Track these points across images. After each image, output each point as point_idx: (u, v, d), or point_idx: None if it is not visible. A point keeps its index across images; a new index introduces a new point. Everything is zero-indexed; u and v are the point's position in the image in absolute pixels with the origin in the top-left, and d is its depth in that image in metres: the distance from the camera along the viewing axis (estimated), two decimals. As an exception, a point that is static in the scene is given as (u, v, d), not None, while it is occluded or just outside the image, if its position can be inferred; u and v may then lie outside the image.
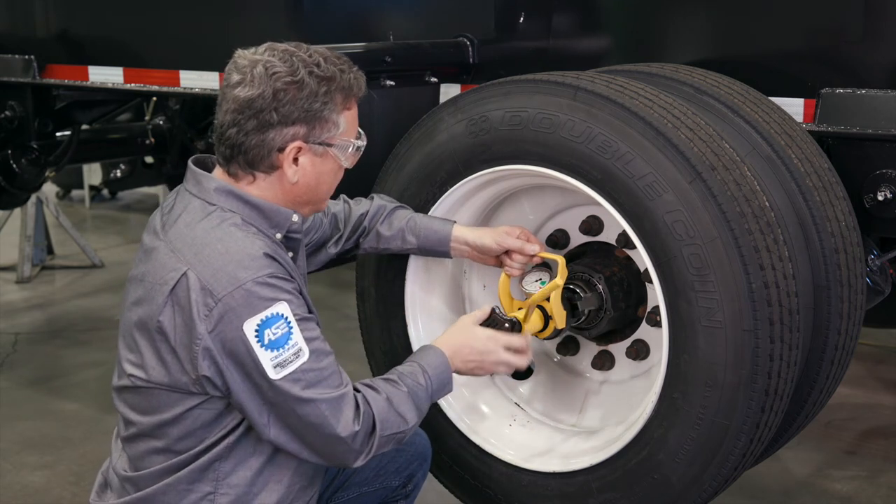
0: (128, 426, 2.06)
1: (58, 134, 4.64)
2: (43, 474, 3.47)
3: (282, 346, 1.88)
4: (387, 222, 2.49)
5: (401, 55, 2.96)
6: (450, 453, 2.59)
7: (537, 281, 2.41)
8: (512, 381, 2.67)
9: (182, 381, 1.93)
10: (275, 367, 1.88)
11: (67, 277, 6.14)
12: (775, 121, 2.41)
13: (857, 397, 4.06)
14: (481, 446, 2.55)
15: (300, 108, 1.94)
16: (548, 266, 2.48)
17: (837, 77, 2.47)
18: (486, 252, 2.46)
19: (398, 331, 2.66)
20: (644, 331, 2.56)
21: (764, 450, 2.37)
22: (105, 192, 8.47)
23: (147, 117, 5.35)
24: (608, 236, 2.56)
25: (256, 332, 1.87)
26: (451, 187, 2.50)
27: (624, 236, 2.47)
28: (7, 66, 4.31)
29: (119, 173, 6.58)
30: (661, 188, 2.12)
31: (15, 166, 4.57)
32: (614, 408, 2.59)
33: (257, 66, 1.94)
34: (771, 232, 2.11)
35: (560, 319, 2.38)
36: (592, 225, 2.55)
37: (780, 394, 2.14)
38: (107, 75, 3.97)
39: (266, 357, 1.87)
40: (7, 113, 4.45)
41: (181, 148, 5.24)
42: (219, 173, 2.03)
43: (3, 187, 4.64)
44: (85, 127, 4.82)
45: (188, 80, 3.70)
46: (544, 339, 2.47)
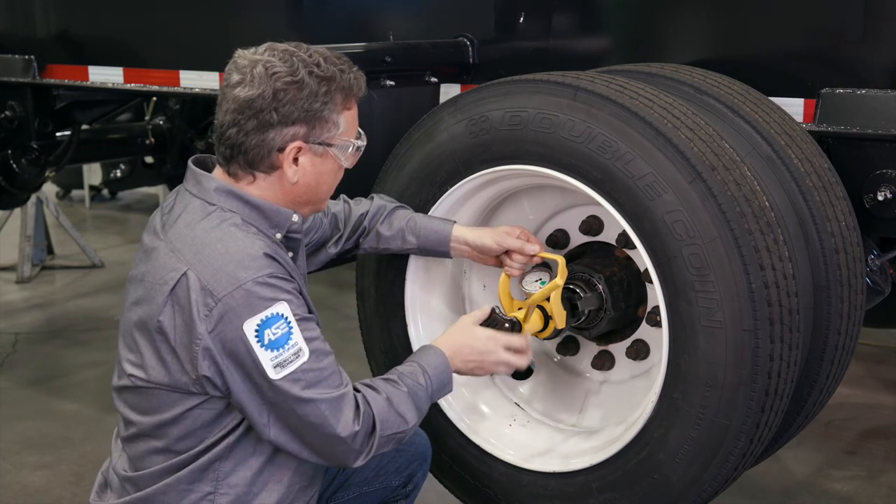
0: (128, 426, 2.06)
1: (58, 134, 4.63)
2: (43, 474, 3.47)
3: (282, 345, 1.88)
4: (387, 222, 2.49)
5: (401, 55, 2.96)
6: (450, 453, 2.59)
7: (537, 281, 2.41)
8: (512, 381, 2.67)
9: (182, 381, 1.93)
10: (275, 367, 1.88)
11: (67, 277, 6.13)
12: (775, 121, 2.41)
13: (857, 397, 4.06)
14: (481, 446, 2.55)
15: (300, 109, 1.94)
16: (548, 266, 2.48)
17: (837, 77, 2.47)
18: (486, 252, 2.46)
19: (398, 331, 2.66)
20: (644, 331, 2.56)
21: (764, 450, 2.37)
22: (105, 192, 8.47)
23: (147, 117, 5.35)
24: (608, 236, 2.56)
25: (256, 331, 1.87)
26: (451, 187, 2.50)
27: (624, 236, 2.47)
28: (7, 66, 4.31)
29: (119, 173, 6.57)
30: (661, 188, 2.12)
31: (15, 166, 4.56)
32: (614, 408, 2.59)
33: (257, 66, 1.94)
34: (771, 232, 2.11)
35: (560, 319, 2.38)
36: (592, 225, 2.55)
37: (780, 394, 2.14)
38: (107, 75, 3.97)
39: (266, 357, 1.87)
40: (7, 113, 4.44)
41: (181, 148, 5.24)
42: (219, 173, 2.03)
43: (3, 187, 4.64)
44: (85, 127, 4.82)
45: (188, 80, 3.70)
46: (544, 339, 2.47)
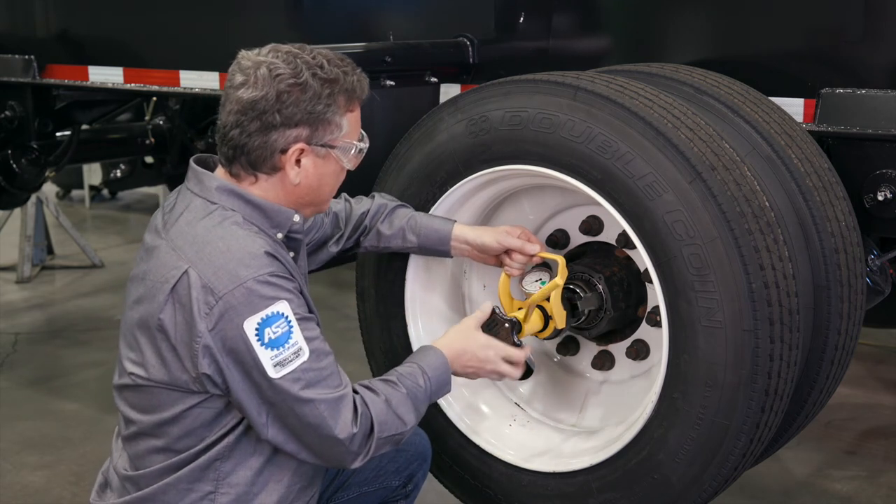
0: (128, 425, 2.06)
1: (58, 134, 4.63)
2: (43, 474, 3.47)
3: (282, 344, 1.88)
4: (387, 221, 2.50)
5: (401, 55, 2.96)
6: (450, 453, 2.59)
7: (537, 281, 2.41)
8: (512, 382, 2.67)
9: (182, 380, 1.93)
10: (274, 366, 1.88)
11: (67, 277, 6.13)
12: (775, 121, 2.41)
13: (857, 397, 4.06)
14: (481, 446, 2.55)
15: (303, 110, 1.94)
16: (548, 266, 2.48)
17: (837, 77, 2.48)
18: (486, 251, 2.46)
19: (398, 331, 2.66)
20: (644, 331, 2.56)
21: (764, 450, 2.37)
22: (105, 192, 8.47)
23: (147, 117, 5.34)
24: (608, 236, 2.56)
25: (257, 330, 1.87)
26: (451, 187, 2.50)
27: (624, 236, 2.47)
28: (7, 66, 4.31)
29: (119, 173, 6.57)
30: (661, 188, 2.12)
31: (15, 166, 4.56)
32: (614, 408, 2.59)
33: (261, 68, 1.94)
34: (771, 232, 2.11)
35: (560, 319, 2.38)
36: (592, 225, 2.55)
37: (780, 394, 2.14)
38: (107, 75, 3.97)
39: (266, 356, 1.87)
40: (7, 113, 4.44)
41: (181, 148, 5.23)
42: (221, 173, 2.03)
43: (3, 187, 4.64)
44: (85, 127, 4.82)
45: (188, 80, 3.70)
46: (544, 339, 2.47)
